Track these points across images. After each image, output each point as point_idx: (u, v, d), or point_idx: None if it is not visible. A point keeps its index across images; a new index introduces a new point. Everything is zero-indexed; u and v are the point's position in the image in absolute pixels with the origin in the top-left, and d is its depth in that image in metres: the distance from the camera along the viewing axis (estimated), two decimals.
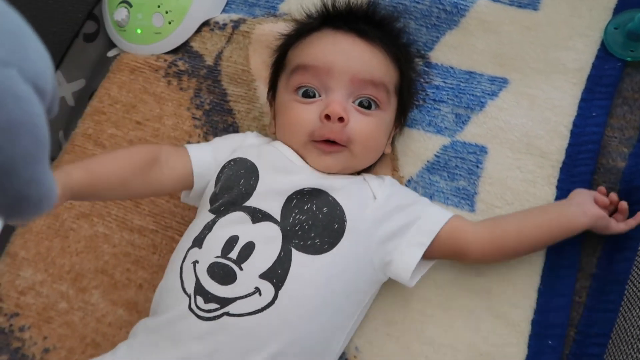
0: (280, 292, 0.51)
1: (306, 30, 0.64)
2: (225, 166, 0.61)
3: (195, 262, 0.54)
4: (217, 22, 0.79)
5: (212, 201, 0.59)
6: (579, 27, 0.68)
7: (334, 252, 0.54)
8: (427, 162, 0.68)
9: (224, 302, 0.51)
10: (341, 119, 0.56)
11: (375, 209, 0.57)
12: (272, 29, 0.74)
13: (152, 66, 0.79)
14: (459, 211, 0.65)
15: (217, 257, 0.53)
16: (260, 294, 0.51)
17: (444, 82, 0.70)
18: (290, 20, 0.69)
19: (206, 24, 0.80)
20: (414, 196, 0.63)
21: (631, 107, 0.65)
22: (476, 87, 0.69)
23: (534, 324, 0.60)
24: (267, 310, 0.51)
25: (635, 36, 0.64)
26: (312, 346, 0.54)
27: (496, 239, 0.58)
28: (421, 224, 0.57)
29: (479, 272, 0.62)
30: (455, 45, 0.71)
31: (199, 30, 0.80)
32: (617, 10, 0.67)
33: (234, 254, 0.53)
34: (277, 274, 0.52)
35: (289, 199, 0.56)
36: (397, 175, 0.68)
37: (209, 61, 0.78)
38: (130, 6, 0.80)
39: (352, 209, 0.56)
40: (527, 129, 0.66)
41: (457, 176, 0.66)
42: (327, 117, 0.56)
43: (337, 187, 0.57)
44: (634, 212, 0.60)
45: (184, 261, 0.56)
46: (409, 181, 0.68)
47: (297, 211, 0.55)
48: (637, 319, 0.54)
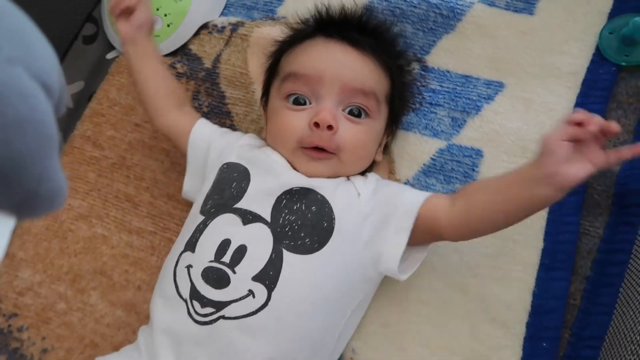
0: (273, 294, 0.52)
1: (299, 37, 0.64)
2: (220, 169, 0.62)
3: (189, 267, 0.55)
4: (215, 25, 0.80)
5: (204, 203, 0.60)
6: (574, 31, 0.69)
7: (324, 251, 0.54)
8: (424, 165, 0.68)
9: (219, 305, 0.52)
10: (330, 127, 0.57)
11: (360, 205, 0.57)
12: (270, 32, 0.75)
13: None
14: None
15: (211, 261, 0.54)
16: (253, 296, 0.52)
17: (441, 85, 0.71)
18: (288, 23, 0.69)
19: (205, 26, 0.80)
20: (395, 186, 0.63)
21: (625, 112, 0.65)
22: (472, 91, 0.69)
23: (529, 326, 0.60)
24: (261, 312, 0.52)
25: (629, 41, 0.65)
26: (307, 345, 0.54)
27: (470, 220, 0.54)
28: (400, 209, 0.56)
29: (474, 274, 0.63)
30: (451, 49, 0.72)
31: (197, 33, 0.80)
32: (612, 15, 0.68)
33: (227, 258, 0.53)
34: (269, 276, 0.52)
35: (279, 200, 0.56)
36: (394, 178, 0.69)
37: (207, 64, 0.79)
38: None
39: (340, 207, 0.56)
40: (522, 133, 0.66)
41: (453, 179, 0.67)
42: (316, 125, 0.57)
43: (325, 186, 0.58)
44: (629, 216, 0.61)
45: (177, 265, 0.56)
46: (405, 184, 0.68)
47: (286, 211, 0.56)
48: (630, 322, 0.55)
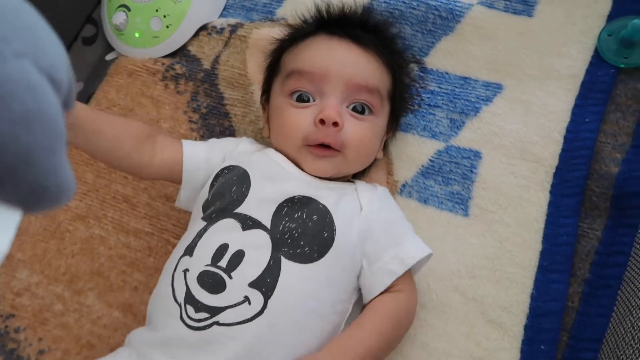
0: (269, 301, 0.51)
1: (301, 35, 0.64)
2: (218, 174, 0.61)
3: (185, 271, 0.54)
4: (214, 27, 0.80)
5: (205, 208, 0.59)
6: (573, 33, 0.69)
7: (323, 261, 0.53)
8: (422, 166, 0.68)
9: (214, 311, 0.51)
10: (336, 124, 0.56)
11: (361, 221, 0.57)
12: (269, 34, 0.75)
13: (150, 69, 0.80)
14: (453, 216, 0.65)
15: (207, 265, 0.53)
16: (249, 303, 0.51)
17: (439, 87, 0.71)
18: (287, 24, 0.69)
19: (204, 28, 0.80)
20: (401, 217, 0.61)
21: (624, 114, 0.65)
22: (471, 93, 0.69)
23: (527, 328, 0.60)
24: (256, 319, 0.50)
25: (628, 43, 0.65)
26: (301, 354, 0.52)
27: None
28: (400, 251, 0.56)
29: (472, 275, 0.63)
30: (450, 51, 0.72)
31: (196, 34, 0.80)
32: (611, 17, 0.68)
33: (224, 262, 0.52)
34: (266, 283, 0.51)
35: (280, 207, 0.56)
36: (392, 179, 0.68)
37: (206, 65, 0.79)
38: (128, 10, 0.81)
39: (342, 218, 0.56)
40: (521, 135, 0.66)
41: (451, 181, 0.67)
42: (321, 122, 0.57)
43: (328, 196, 0.57)
44: (628, 218, 0.61)
45: (175, 269, 0.55)
46: (404, 185, 0.68)
47: (287, 219, 0.55)
48: (629, 324, 0.54)
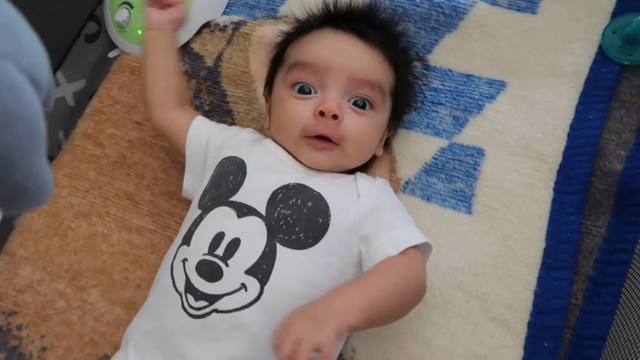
0: (265, 288, 0.52)
1: (307, 28, 0.64)
2: (219, 164, 0.62)
3: (184, 260, 0.55)
4: (217, 24, 0.80)
5: (202, 197, 0.60)
6: (577, 31, 0.69)
7: (318, 246, 0.54)
8: (425, 164, 0.68)
9: (212, 299, 0.52)
10: (335, 117, 0.57)
11: (358, 207, 0.57)
12: (272, 31, 0.75)
13: None
14: (456, 213, 0.65)
15: (205, 254, 0.54)
16: (246, 290, 0.52)
17: (442, 84, 0.71)
18: (290, 22, 0.69)
19: (207, 25, 0.80)
20: (399, 205, 0.61)
21: (628, 111, 0.65)
22: (474, 90, 0.69)
23: (530, 326, 0.60)
24: (253, 305, 0.51)
25: (632, 40, 0.64)
26: None
27: None
28: (395, 234, 0.54)
29: (475, 272, 0.62)
30: (453, 48, 0.72)
31: (199, 31, 0.80)
32: (615, 14, 0.68)
33: (221, 251, 0.53)
34: (262, 269, 0.52)
35: (274, 194, 0.56)
36: (395, 176, 0.68)
37: (209, 62, 0.79)
38: (131, 7, 0.80)
39: (337, 204, 0.56)
40: (524, 132, 0.66)
41: (454, 178, 0.67)
42: (321, 114, 0.57)
43: (323, 182, 0.58)
44: (632, 215, 0.61)
45: (174, 259, 0.56)
46: (407, 183, 0.68)
47: (282, 206, 0.55)
48: (633, 322, 0.54)
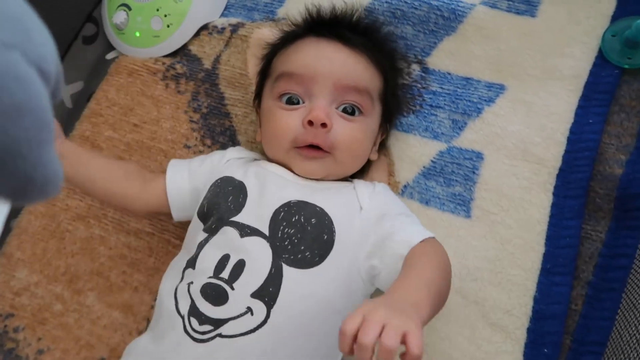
0: (272, 311, 0.50)
1: (290, 38, 0.64)
2: (212, 185, 0.60)
3: (190, 283, 0.54)
4: (215, 26, 0.80)
5: (203, 219, 0.59)
6: (577, 34, 0.68)
7: (325, 264, 0.53)
8: (424, 167, 0.68)
9: (217, 323, 0.50)
10: (324, 125, 0.56)
11: (362, 220, 0.56)
12: (270, 34, 0.74)
13: (150, 69, 0.80)
14: (455, 217, 0.65)
15: (210, 277, 0.52)
16: (252, 314, 0.50)
17: (441, 87, 0.70)
18: (288, 24, 0.69)
19: (205, 27, 0.80)
20: (404, 208, 0.61)
21: (628, 115, 0.64)
22: (473, 93, 0.69)
23: (530, 332, 0.59)
24: (259, 330, 0.50)
25: (632, 43, 0.64)
26: None
27: None
28: (401, 234, 0.54)
29: (474, 278, 0.62)
30: (452, 51, 0.71)
31: (197, 33, 0.80)
32: (615, 17, 0.67)
33: (226, 274, 0.52)
34: (268, 292, 0.51)
35: (276, 213, 0.55)
36: (393, 180, 0.68)
37: (207, 65, 0.79)
38: (129, 9, 0.80)
39: (340, 219, 0.55)
40: (523, 136, 0.65)
41: (453, 182, 0.66)
42: (310, 123, 0.56)
43: (324, 197, 0.57)
44: (632, 220, 0.60)
45: (180, 282, 0.55)
46: (405, 186, 0.67)
47: (285, 224, 0.54)
48: (633, 327, 0.54)
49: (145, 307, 0.70)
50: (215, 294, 0.51)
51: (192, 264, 0.55)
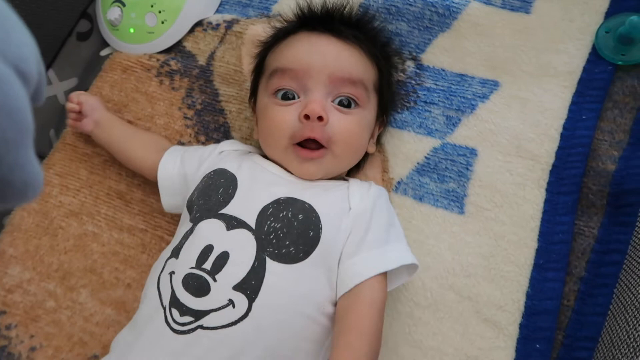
0: (253, 304, 0.50)
1: (282, 34, 0.64)
2: (205, 177, 0.60)
3: (171, 273, 0.53)
4: (210, 23, 0.79)
5: (190, 210, 0.59)
6: (571, 30, 0.68)
7: (308, 260, 0.52)
8: (417, 163, 0.68)
9: (198, 314, 0.50)
10: (320, 118, 0.56)
11: (349, 220, 0.56)
12: (265, 30, 0.74)
13: (145, 65, 0.79)
14: (449, 213, 0.65)
15: (192, 267, 0.52)
16: (233, 307, 0.50)
17: (435, 84, 0.70)
18: (280, 21, 0.69)
19: (199, 24, 0.80)
20: (388, 218, 0.59)
21: (621, 111, 0.65)
22: (467, 90, 0.69)
23: (522, 327, 0.59)
24: (240, 322, 0.49)
25: (626, 40, 0.64)
26: (288, 358, 0.51)
27: None
28: (369, 255, 0.53)
29: (467, 274, 0.62)
30: (447, 47, 0.71)
31: (192, 30, 0.80)
32: (609, 14, 0.67)
33: (208, 265, 0.52)
34: (250, 285, 0.50)
35: (265, 208, 0.55)
36: (387, 176, 0.68)
37: (202, 61, 0.78)
38: (123, 5, 0.80)
39: (329, 217, 0.55)
40: (517, 132, 0.65)
41: (447, 178, 0.66)
42: (306, 117, 0.56)
43: (314, 195, 0.56)
44: (624, 216, 0.60)
45: (162, 272, 0.55)
46: (399, 183, 0.67)
47: (272, 219, 0.54)
48: (625, 323, 0.54)
49: (138, 303, 0.70)
50: (196, 285, 0.51)
51: (176, 253, 0.55)
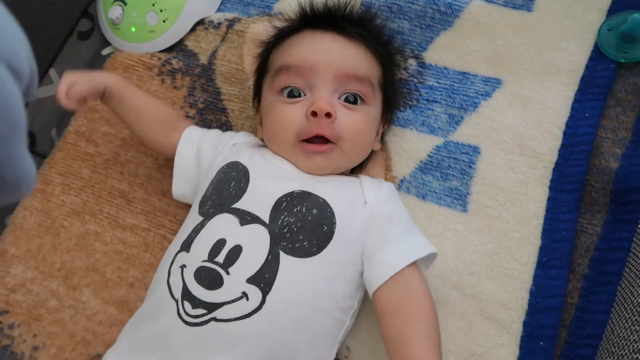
0: (267, 297, 0.50)
1: (286, 33, 0.64)
2: (219, 170, 0.61)
3: (183, 266, 0.53)
4: (211, 21, 0.79)
5: (202, 204, 0.59)
6: (573, 28, 0.68)
7: (322, 254, 0.53)
8: (420, 162, 0.68)
9: (211, 307, 0.50)
10: (328, 115, 0.56)
11: (365, 214, 0.56)
12: (266, 29, 0.74)
13: (146, 64, 0.79)
14: (452, 211, 0.65)
15: (204, 261, 0.52)
16: (247, 299, 0.50)
17: (438, 82, 0.70)
18: (282, 20, 0.69)
19: (201, 22, 0.80)
20: (405, 213, 0.60)
21: (624, 109, 0.65)
22: (469, 88, 0.69)
23: (526, 325, 0.59)
24: (254, 315, 0.50)
25: (628, 38, 0.64)
26: (302, 351, 0.52)
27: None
28: (400, 247, 0.54)
29: (470, 271, 0.62)
30: (449, 45, 0.71)
31: (193, 29, 0.80)
32: (611, 12, 0.68)
33: (221, 258, 0.52)
34: (264, 278, 0.51)
35: (279, 202, 0.55)
36: (390, 175, 0.68)
37: (203, 60, 0.78)
38: (124, 4, 0.80)
39: (343, 211, 0.55)
40: (520, 130, 0.65)
41: (450, 176, 0.66)
42: (313, 114, 0.56)
43: (328, 189, 0.56)
44: (628, 213, 0.60)
45: (172, 265, 0.55)
46: (402, 181, 0.67)
47: (286, 214, 0.54)
48: (628, 320, 0.54)
49: (141, 302, 0.69)
50: (209, 278, 0.51)
51: (186, 247, 0.55)
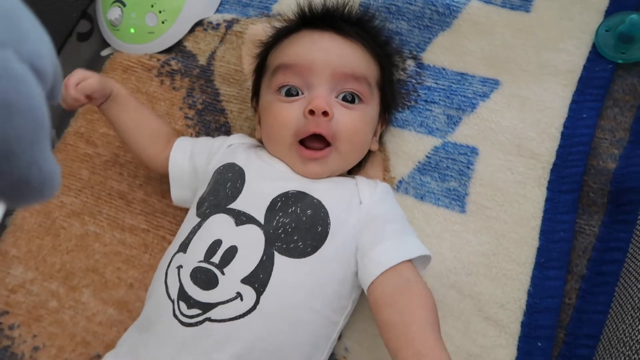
0: (262, 297, 0.50)
1: (284, 33, 0.64)
2: (215, 172, 0.61)
3: (179, 267, 0.54)
4: (210, 22, 0.80)
5: (200, 205, 0.59)
6: (571, 29, 0.68)
7: (317, 255, 0.53)
8: (419, 162, 0.68)
9: (206, 307, 0.50)
10: (325, 113, 0.56)
11: (360, 214, 0.56)
12: (265, 30, 0.74)
13: (145, 65, 0.80)
14: (450, 212, 0.65)
15: (200, 261, 0.53)
16: (241, 299, 0.50)
17: (436, 83, 0.70)
18: (280, 20, 0.69)
19: (199, 23, 0.80)
20: (400, 213, 0.60)
21: (622, 109, 0.65)
22: (468, 89, 0.69)
23: (524, 325, 0.59)
24: (248, 315, 0.50)
25: (626, 38, 0.64)
26: (296, 352, 0.52)
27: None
28: (392, 244, 0.53)
29: (468, 272, 0.62)
30: (447, 46, 0.71)
31: (192, 30, 0.80)
32: (609, 12, 0.68)
33: (217, 258, 0.52)
34: (258, 279, 0.51)
35: (274, 202, 0.55)
36: (388, 175, 0.68)
37: (202, 61, 0.78)
38: (123, 5, 0.80)
39: (337, 212, 0.55)
40: (517, 131, 0.66)
41: (448, 177, 0.66)
42: (311, 113, 0.56)
43: (323, 190, 0.57)
44: (625, 214, 0.60)
45: (169, 266, 0.55)
46: (400, 182, 0.68)
47: (281, 214, 0.54)
48: (626, 321, 0.54)
49: (140, 303, 0.70)
50: (205, 278, 0.51)
51: (183, 248, 0.56)
